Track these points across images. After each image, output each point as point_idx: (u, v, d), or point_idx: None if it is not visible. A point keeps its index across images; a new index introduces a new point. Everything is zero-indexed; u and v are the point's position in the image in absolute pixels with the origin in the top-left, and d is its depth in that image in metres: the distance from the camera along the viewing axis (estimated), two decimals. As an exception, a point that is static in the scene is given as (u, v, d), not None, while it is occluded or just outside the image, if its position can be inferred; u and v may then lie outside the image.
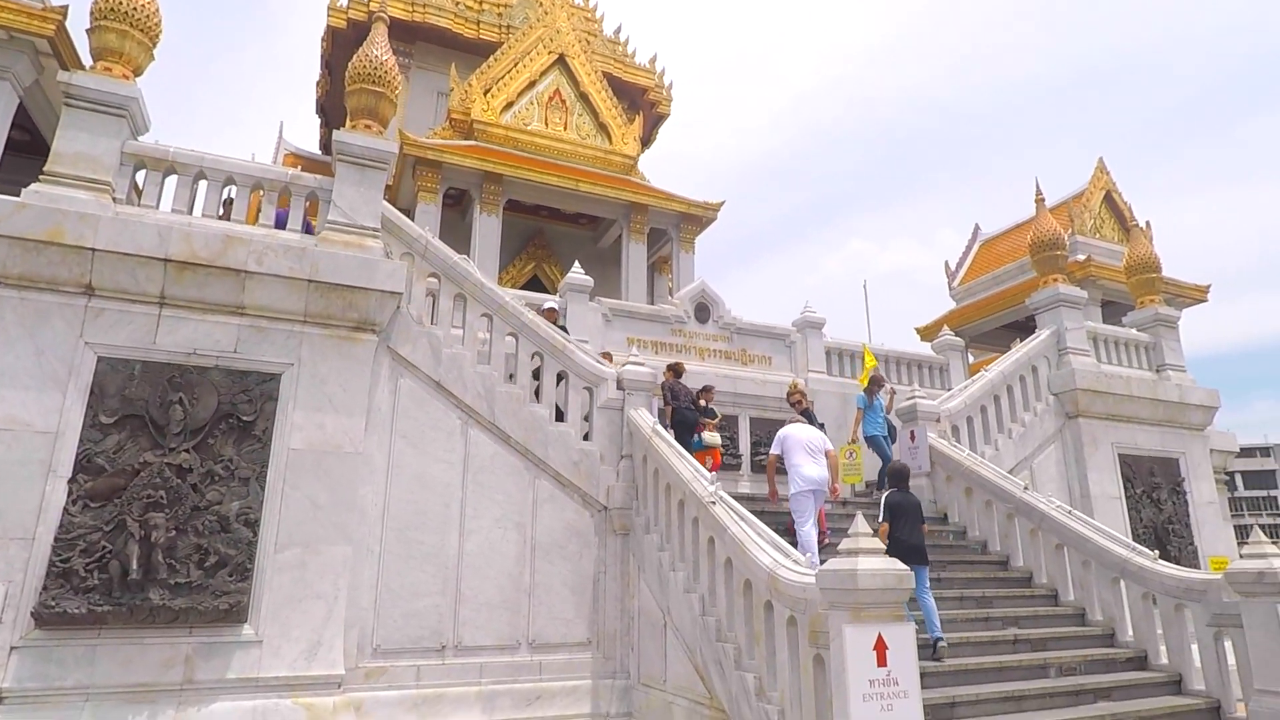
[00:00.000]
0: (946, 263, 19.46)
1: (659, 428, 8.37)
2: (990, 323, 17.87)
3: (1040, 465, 11.09)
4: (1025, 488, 9.04)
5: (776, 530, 6.74)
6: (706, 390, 10.60)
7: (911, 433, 10.15)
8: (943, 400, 10.86)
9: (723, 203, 17.42)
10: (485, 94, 16.60)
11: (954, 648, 7.08)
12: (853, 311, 66.50)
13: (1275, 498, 66.27)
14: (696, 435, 9.50)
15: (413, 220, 11.40)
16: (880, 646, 4.87)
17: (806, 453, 8.03)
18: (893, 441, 10.30)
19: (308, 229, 8.17)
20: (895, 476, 7.49)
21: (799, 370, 12.37)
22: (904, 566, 5.05)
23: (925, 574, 6.92)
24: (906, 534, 6.92)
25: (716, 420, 10.18)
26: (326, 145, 19.89)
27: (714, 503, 6.83)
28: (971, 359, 17.67)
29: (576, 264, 11.66)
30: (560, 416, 8.84)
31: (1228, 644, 6.94)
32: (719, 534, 6.70)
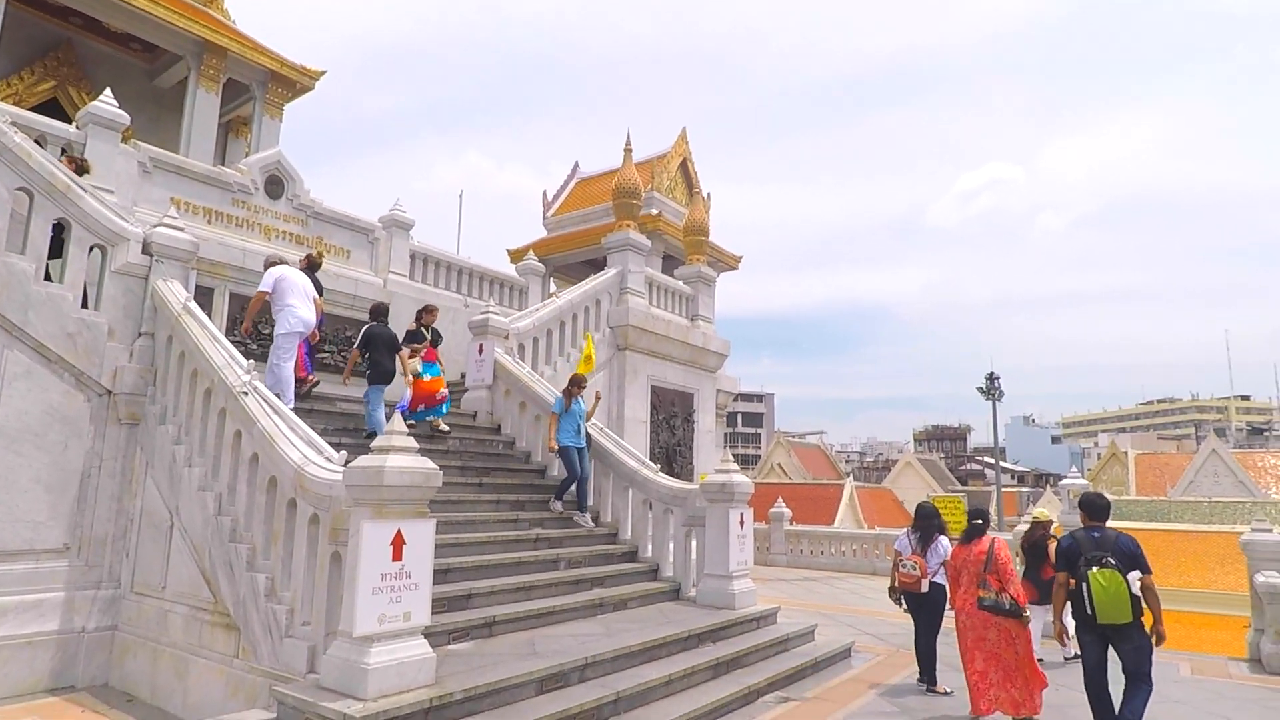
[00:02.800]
0: (545, 192, 20.38)
1: (192, 305, 7.22)
2: (575, 256, 19.27)
3: (589, 388, 12.36)
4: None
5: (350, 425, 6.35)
6: (427, 310, 9.72)
7: (480, 346, 10.45)
8: (514, 319, 11.39)
9: (324, 72, 15.61)
10: None
11: (481, 546, 7.59)
12: (464, 223, 66.22)
13: (759, 434, 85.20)
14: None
15: None
16: (398, 541, 4.91)
17: (302, 296, 8.14)
18: (587, 457, 9.18)
19: None
20: (375, 312, 8.67)
21: (380, 270, 11.82)
22: (432, 465, 5.14)
23: (383, 390, 8.40)
24: (383, 359, 8.37)
25: (424, 346, 9.33)
26: None
27: (246, 393, 6.15)
28: (554, 288, 18.91)
29: (108, 92, 9.34)
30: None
31: (694, 541, 8.61)
32: (248, 427, 6.07)
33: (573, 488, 9.08)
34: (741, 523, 8.30)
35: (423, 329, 9.55)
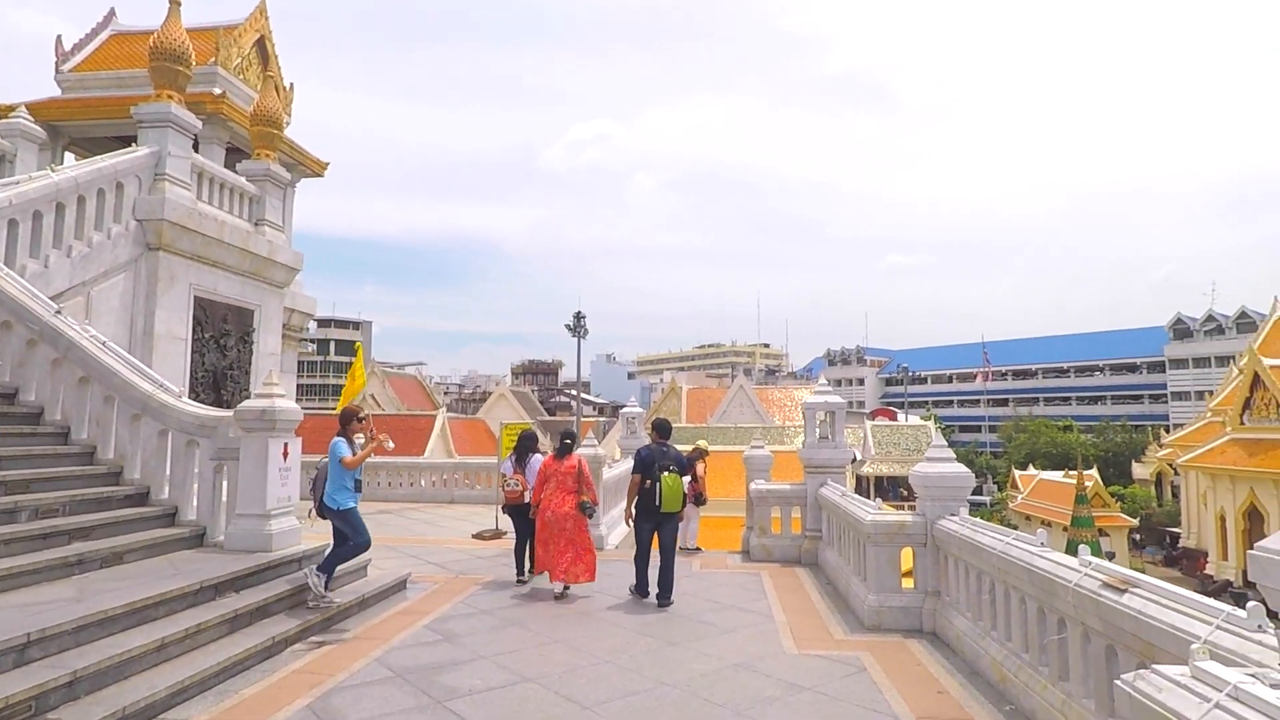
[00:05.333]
0: (60, 38, 15.60)
1: None
2: (104, 128, 15.22)
3: (103, 294, 9.83)
4: (58, 311, 7.72)
5: None
6: None
7: (-92, 220, 7.46)
8: (-24, 191, 8.40)
9: None
10: None
11: (-123, 496, 5.41)
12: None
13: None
14: None
15: None
16: None
17: None
18: None
19: None
20: None
21: None
22: None
23: None
24: None
25: None
26: None
27: None
28: (73, 161, 14.72)
29: None
30: None
31: (224, 478, 7.33)
32: None
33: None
34: (285, 454, 7.28)
35: None
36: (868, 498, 8.93)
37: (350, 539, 6.85)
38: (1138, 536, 40.01)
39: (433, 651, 6.05)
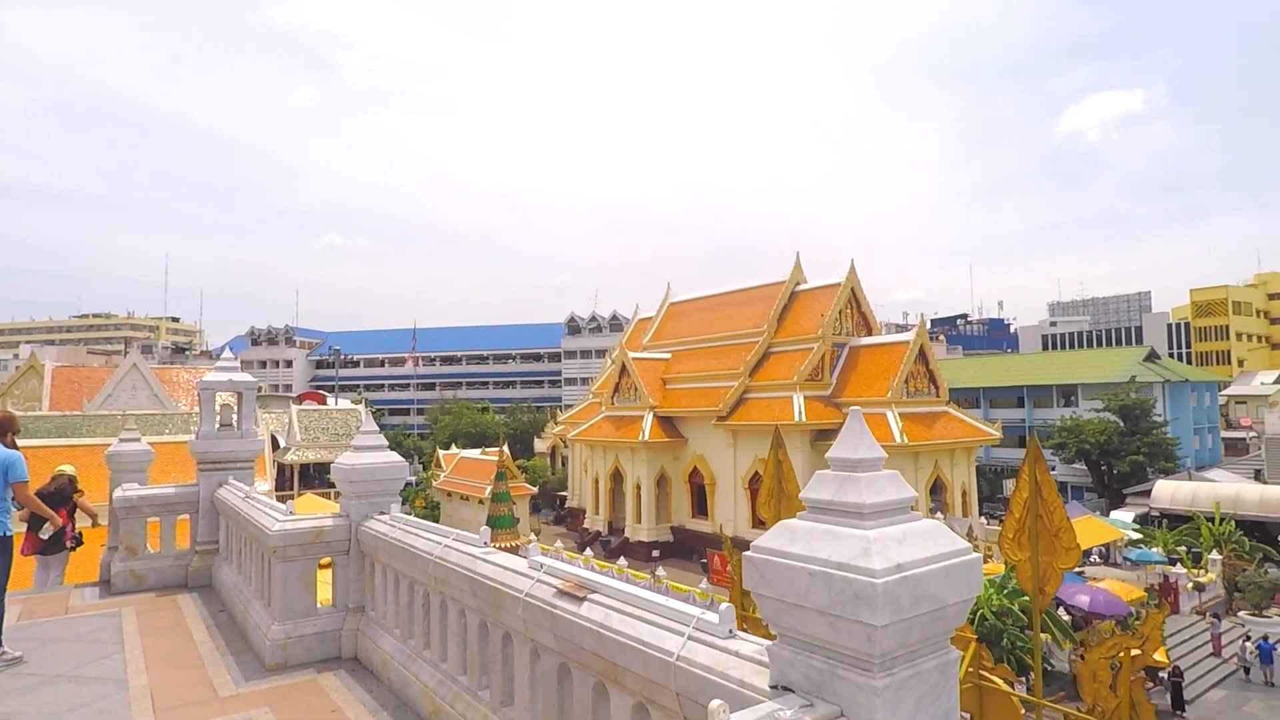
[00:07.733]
0: None
1: None
2: None
3: None
4: None
5: None
6: None
7: None
8: None
9: None
10: None
11: None
12: None
13: None
14: None
15: None
16: None
17: None
18: None
19: None
20: None
21: None
22: None
23: None
24: None
25: None
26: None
27: None
28: None
29: None
30: None
31: None
32: None
33: None
34: None
35: None
36: (291, 488, 7.30)
37: None
38: (537, 502, 46.06)
39: None
